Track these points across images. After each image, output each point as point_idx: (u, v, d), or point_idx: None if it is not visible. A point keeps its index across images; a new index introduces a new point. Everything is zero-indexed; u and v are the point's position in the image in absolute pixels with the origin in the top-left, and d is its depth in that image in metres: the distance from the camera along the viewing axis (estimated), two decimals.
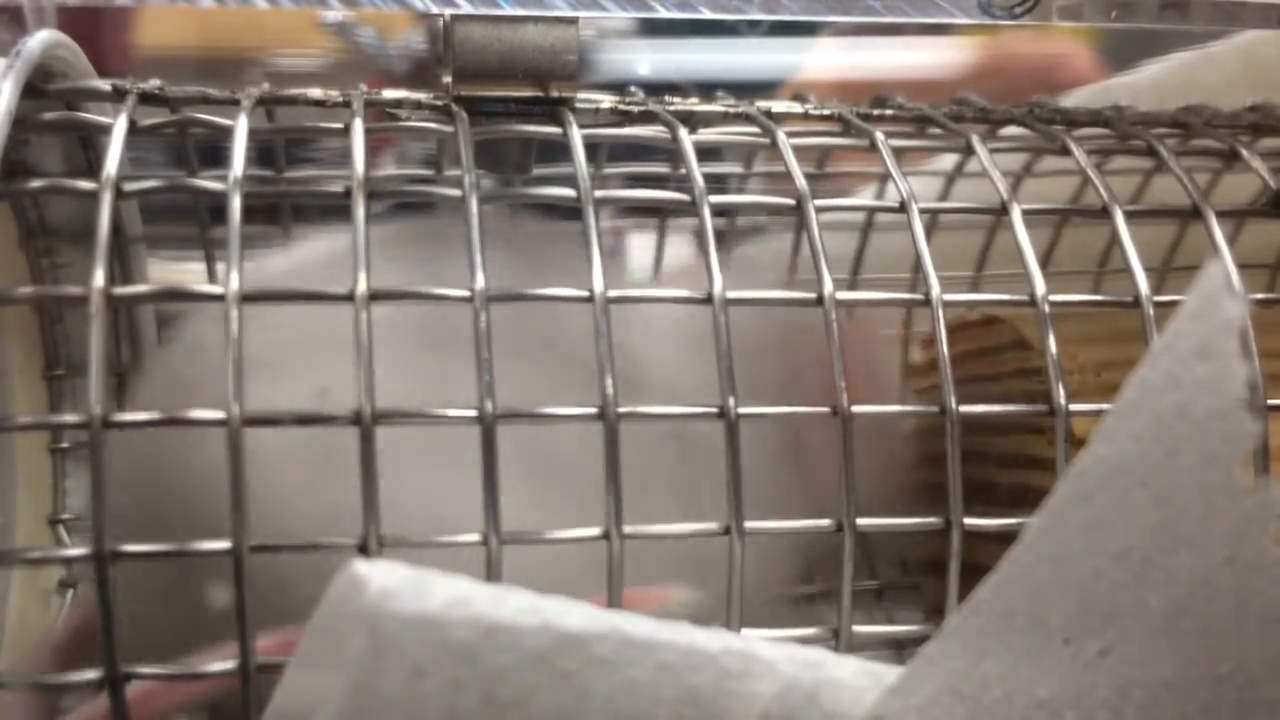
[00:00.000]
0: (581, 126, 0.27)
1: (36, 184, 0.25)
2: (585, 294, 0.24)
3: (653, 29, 0.50)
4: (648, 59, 0.51)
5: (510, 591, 0.19)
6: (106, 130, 0.25)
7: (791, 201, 0.26)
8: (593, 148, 0.34)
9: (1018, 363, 0.33)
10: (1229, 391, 0.18)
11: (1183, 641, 0.20)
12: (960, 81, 0.50)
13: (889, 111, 0.32)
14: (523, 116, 0.28)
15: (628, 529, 0.23)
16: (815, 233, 0.25)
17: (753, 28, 0.50)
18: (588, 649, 0.18)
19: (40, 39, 0.26)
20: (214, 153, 0.28)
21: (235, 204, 0.23)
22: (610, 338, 0.23)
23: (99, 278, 0.22)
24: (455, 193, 0.25)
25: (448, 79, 0.28)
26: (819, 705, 0.19)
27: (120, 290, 0.22)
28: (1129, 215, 0.27)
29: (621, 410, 0.23)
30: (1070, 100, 0.42)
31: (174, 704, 0.23)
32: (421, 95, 0.28)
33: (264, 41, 0.48)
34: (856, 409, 0.24)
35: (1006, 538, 0.20)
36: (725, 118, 0.31)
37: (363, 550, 0.22)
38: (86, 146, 0.31)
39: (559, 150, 0.27)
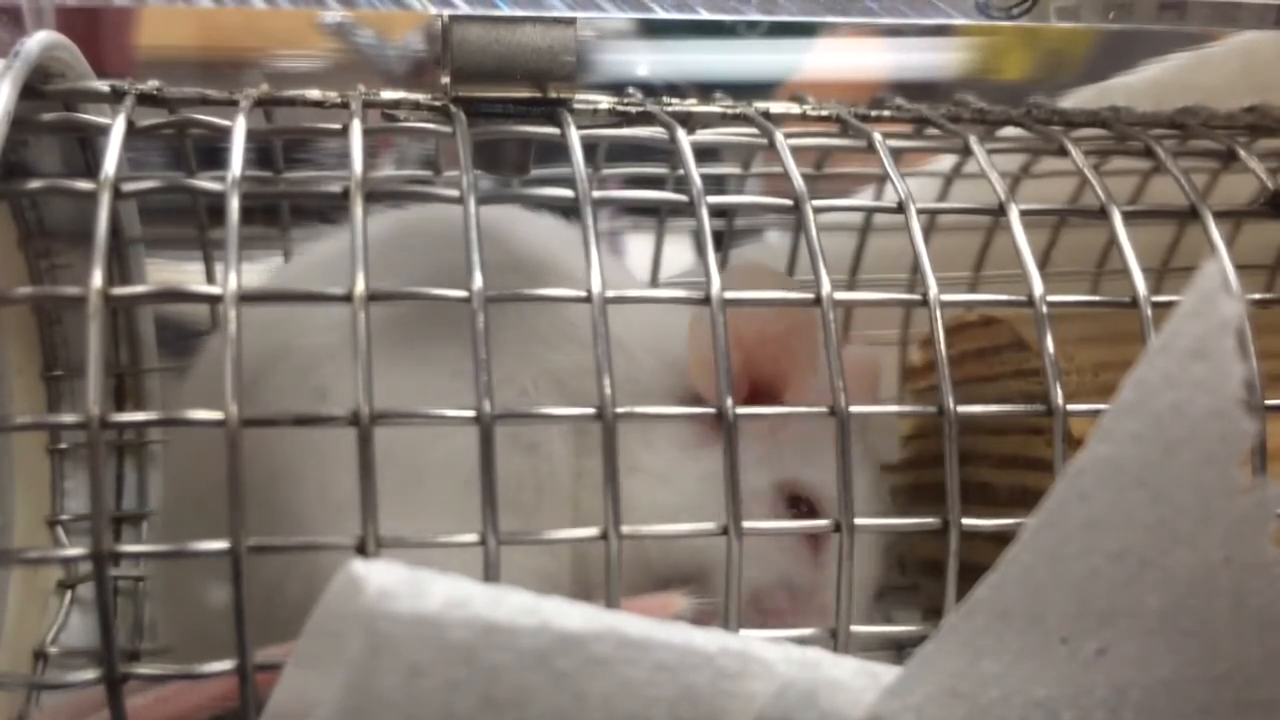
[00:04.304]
0: (579, 127, 0.27)
1: (35, 184, 0.25)
2: (583, 294, 0.24)
3: (651, 30, 0.50)
4: (646, 60, 0.51)
5: (508, 591, 0.18)
6: (105, 131, 0.25)
7: (789, 202, 0.26)
8: (591, 148, 0.34)
9: (1016, 363, 0.33)
10: (1226, 391, 0.18)
11: (1180, 641, 0.20)
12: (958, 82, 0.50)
13: (887, 112, 0.32)
14: (521, 117, 0.28)
15: (625, 529, 0.23)
16: (813, 233, 0.25)
17: (751, 29, 0.50)
18: (585, 649, 0.18)
19: (39, 40, 0.26)
20: (213, 154, 0.28)
21: (233, 205, 0.23)
22: (608, 337, 0.23)
23: (97, 278, 0.22)
24: (453, 193, 0.25)
25: (446, 80, 0.28)
26: (816, 705, 0.19)
27: (118, 291, 0.22)
28: (1127, 216, 0.27)
29: (619, 410, 0.23)
30: (1068, 101, 0.42)
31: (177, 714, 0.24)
32: (420, 96, 0.28)
33: (263, 42, 0.48)
34: (855, 409, 0.24)
35: (1004, 538, 0.20)
36: (723, 119, 0.31)
37: (360, 551, 0.22)
38: (85, 147, 0.31)
39: (557, 151, 0.27)
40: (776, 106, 0.31)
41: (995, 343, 0.34)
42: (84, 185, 0.24)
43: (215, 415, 0.22)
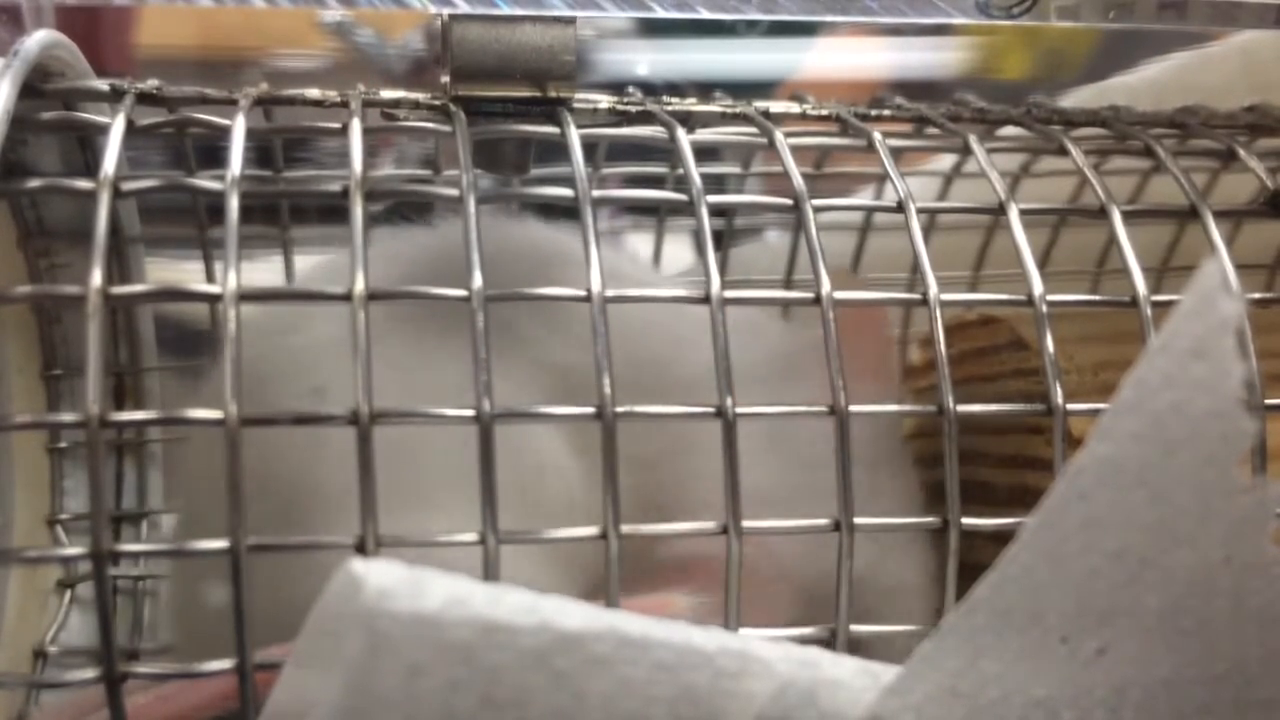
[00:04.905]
0: (579, 126, 0.27)
1: (34, 184, 0.25)
2: (583, 293, 0.24)
3: (651, 29, 0.50)
4: (646, 59, 0.51)
5: (508, 591, 0.18)
6: (104, 130, 0.25)
7: (789, 201, 0.26)
8: (590, 148, 0.34)
9: (1015, 363, 0.33)
10: (1226, 390, 0.18)
11: (1180, 640, 0.20)
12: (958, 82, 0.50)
13: (887, 112, 0.32)
14: (520, 116, 0.28)
15: (625, 528, 0.23)
16: (813, 232, 0.25)
17: (751, 28, 0.50)
18: (585, 648, 0.18)
19: (38, 39, 0.26)
20: (212, 153, 0.28)
21: (233, 204, 0.23)
22: (608, 337, 0.23)
23: (96, 277, 0.22)
24: (453, 193, 0.25)
25: (445, 79, 0.28)
26: (816, 705, 0.19)
27: (118, 290, 0.22)
28: (1126, 215, 0.27)
29: (619, 410, 0.23)
30: (1068, 101, 0.42)
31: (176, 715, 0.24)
32: (420, 95, 0.28)
33: (262, 42, 0.48)
34: (854, 408, 0.24)
35: (1004, 537, 0.20)
36: (723, 118, 0.31)
37: (360, 550, 0.22)
38: (84, 146, 0.31)
39: (557, 150, 0.27)
40: (776, 106, 0.31)
41: (995, 342, 0.34)
42: (83, 184, 0.24)
43: (215, 414, 0.22)
